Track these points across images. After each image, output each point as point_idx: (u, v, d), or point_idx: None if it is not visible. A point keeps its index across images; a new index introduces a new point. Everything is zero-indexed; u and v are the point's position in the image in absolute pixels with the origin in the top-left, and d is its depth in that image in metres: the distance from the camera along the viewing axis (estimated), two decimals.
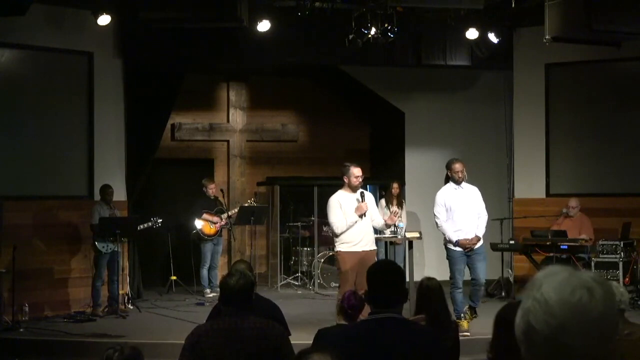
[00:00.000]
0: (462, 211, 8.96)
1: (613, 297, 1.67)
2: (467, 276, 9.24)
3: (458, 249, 8.93)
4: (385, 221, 8.77)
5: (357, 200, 8.44)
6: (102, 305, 10.52)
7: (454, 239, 8.90)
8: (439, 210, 9.00)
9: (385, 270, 3.90)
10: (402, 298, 3.77)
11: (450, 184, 9.07)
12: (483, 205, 9.15)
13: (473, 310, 9.01)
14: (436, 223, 9.06)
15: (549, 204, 11.76)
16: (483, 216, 9.10)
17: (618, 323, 1.70)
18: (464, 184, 9.06)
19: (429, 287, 5.65)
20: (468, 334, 8.79)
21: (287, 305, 5.84)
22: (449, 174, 9.10)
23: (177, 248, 12.69)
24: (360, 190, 8.49)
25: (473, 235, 8.94)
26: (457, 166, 9.01)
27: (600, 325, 1.62)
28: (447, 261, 9.22)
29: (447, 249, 9.08)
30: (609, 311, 1.64)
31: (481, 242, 9.04)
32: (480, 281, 9.02)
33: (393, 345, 3.60)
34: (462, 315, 8.92)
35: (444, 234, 9.04)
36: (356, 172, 8.46)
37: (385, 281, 3.76)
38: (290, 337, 5.18)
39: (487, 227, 9.26)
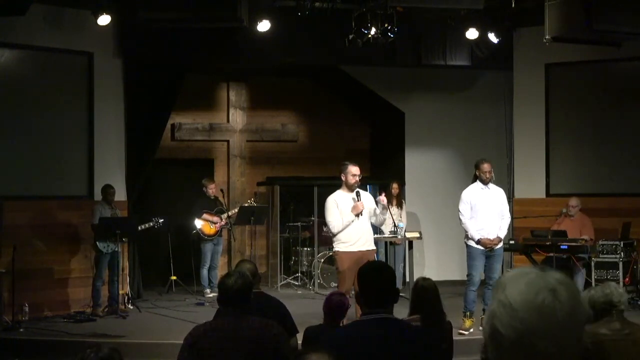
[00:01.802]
0: (485, 211, 9.04)
1: (578, 299, 1.64)
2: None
3: (479, 247, 8.98)
4: (380, 205, 8.51)
5: (354, 199, 8.43)
6: (102, 305, 10.52)
7: (476, 237, 8.96)
8: (463, 207, 9.09)
9: (377, 270, 3.89)
10: (394, 298, 3.77)
11: (477, 183, 9.17)
12: (507, 207, 9.27)
13: None
14: (460, 220, 9.14)
15: (549, 204, 11.75)
16: (506, 218, 9.23)
17: (584, 325, 1.66)
18: (490, 184, 9.14)
19: (425, 288, 5.64)
20: (466, 332, 8.82)
21: (287, 305, 5.84)
22: (477, 173, 9.17)
23: (177, 248, 12.69)
24: (356, 189, 8.48)
25: (495, 236, 9.01)
26: (486, 166, 9.11)
27: (566, 327, 1.59)
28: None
29: (467, 246, 9.14)
30: (574, 313, 1.61)
31: (501, 243, 9.13)
32: (495, 282, 9.07)
33: (389, 345, 3.59)
34: (467, 313, 8.96)
35: (466, 232, 9.09)
36: (354, 170, 8.46)
37: (378, 282, 3.75)
38: (297, 334, 5.20)
39: None
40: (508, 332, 1.59)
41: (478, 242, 8.98)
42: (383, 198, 8.58)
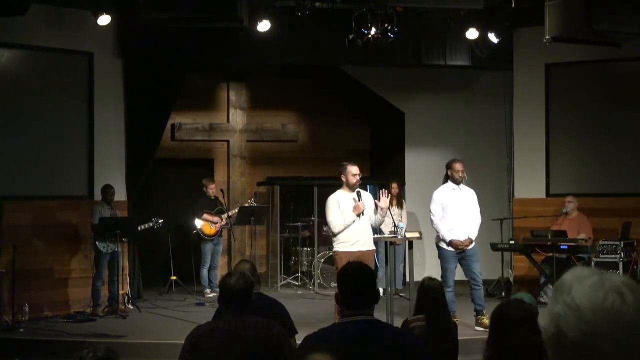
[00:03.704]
0: (457, 211, 9.04)
1: None
2: (458, 276, 9.30)
3: (450, 248, 9.00)
4: (378, 208, 8.48)
5: (355, 199, 8.43)
6: (102, 305, 10.52)
7: (448, 238, 8.98)
8: (435, 208, 9.11)
9: (359, 271, 3.80)
10: (375, 299, 3.73)
11: (449, 184, 9.17)
12: (478, 208, 9.25)
13: (481, 313, 8.99)
14: (431, 220, 9.19)
15: (549, 204, 11.75)
16: (477, 219, 9.19)
17: None
18: (462, 185, 9.13)
19: (430, 288, 5.64)
20: None
21: (287, 305, 5.84)
22: (449, 173, 9.20)
23: (177, 248, 12.69)
24: (357, 189, 8.48)
25: (466, 237, 9.00)
26: (458, 165, 9.12)
27: (633, 330, 1.60)
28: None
29: (438, 247, 9.20)
30: None
31: (473, 243, 9.10)
32: (478, 281, 9.06)
33: (370, 347, 3.55)
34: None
35: (437, 232, 9.10)
36: (353, 170, 8.46)
37: (359, 283, 3.69)
38: (296, 335, 5.19)
39: (486, 227, 9.28)
40: (573, 334, 1.61)
41: (450, 243, 8.99)
42: (381, 203, 8.46)
